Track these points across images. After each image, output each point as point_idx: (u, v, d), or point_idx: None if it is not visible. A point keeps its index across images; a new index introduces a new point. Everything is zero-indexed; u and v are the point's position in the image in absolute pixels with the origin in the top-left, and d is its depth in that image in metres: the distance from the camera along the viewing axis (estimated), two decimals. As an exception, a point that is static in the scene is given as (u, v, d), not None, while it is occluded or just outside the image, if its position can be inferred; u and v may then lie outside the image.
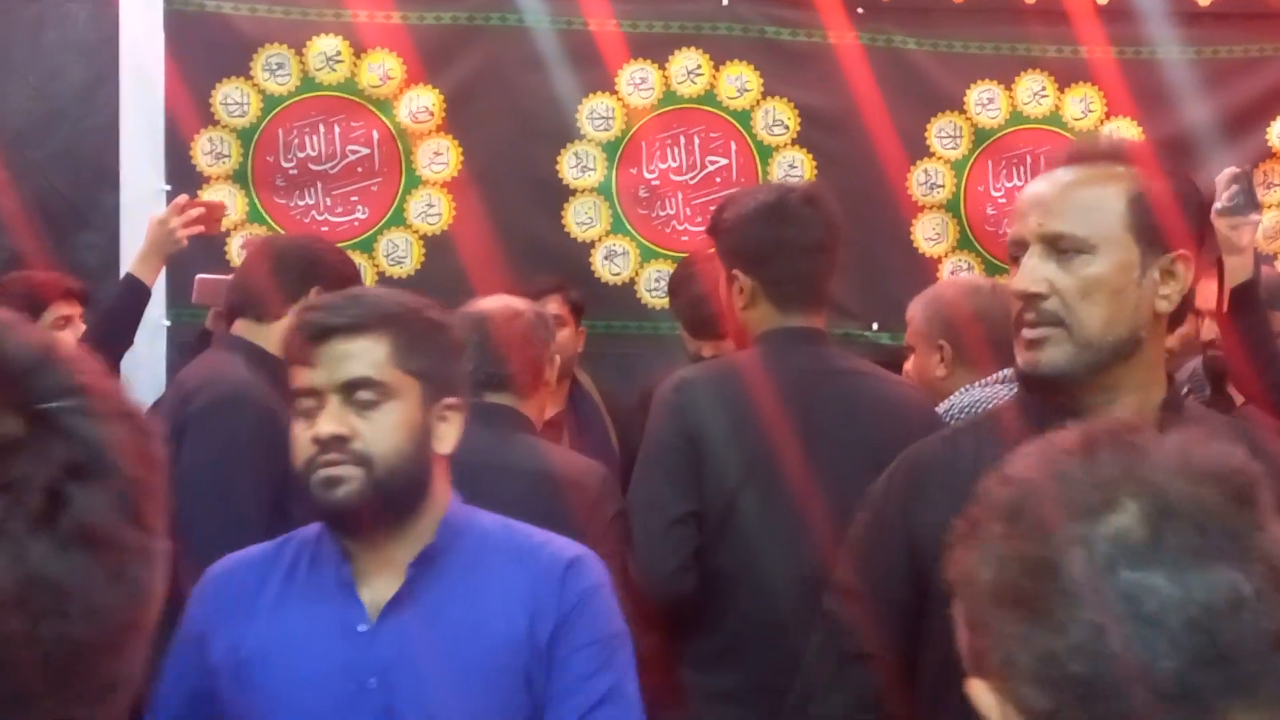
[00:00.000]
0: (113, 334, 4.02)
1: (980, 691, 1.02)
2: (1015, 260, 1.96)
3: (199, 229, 4.15)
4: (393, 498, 2.00)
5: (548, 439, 3.47)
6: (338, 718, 1.97)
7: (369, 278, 5.07)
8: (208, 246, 4.72)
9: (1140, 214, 1.94)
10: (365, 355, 1.99)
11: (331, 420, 1.96)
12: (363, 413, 1.98)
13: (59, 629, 0.82)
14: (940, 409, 3.22)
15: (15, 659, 0.80)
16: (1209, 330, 4.02)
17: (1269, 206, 5.40)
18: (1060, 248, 1.91)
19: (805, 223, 3.05)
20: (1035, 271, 1.91)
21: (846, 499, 2.35)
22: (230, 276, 4.19)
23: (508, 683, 2.03)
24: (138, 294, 4.08)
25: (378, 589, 2.02)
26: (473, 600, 2.04)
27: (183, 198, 4.29)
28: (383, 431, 1.98)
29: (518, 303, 3.26)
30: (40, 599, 0.81)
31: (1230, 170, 3.57)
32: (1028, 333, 1.92)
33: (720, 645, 2.98)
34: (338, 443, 1.95)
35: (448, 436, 2.08)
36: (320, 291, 3.36)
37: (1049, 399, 1.97)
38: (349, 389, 1.97)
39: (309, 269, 3.38)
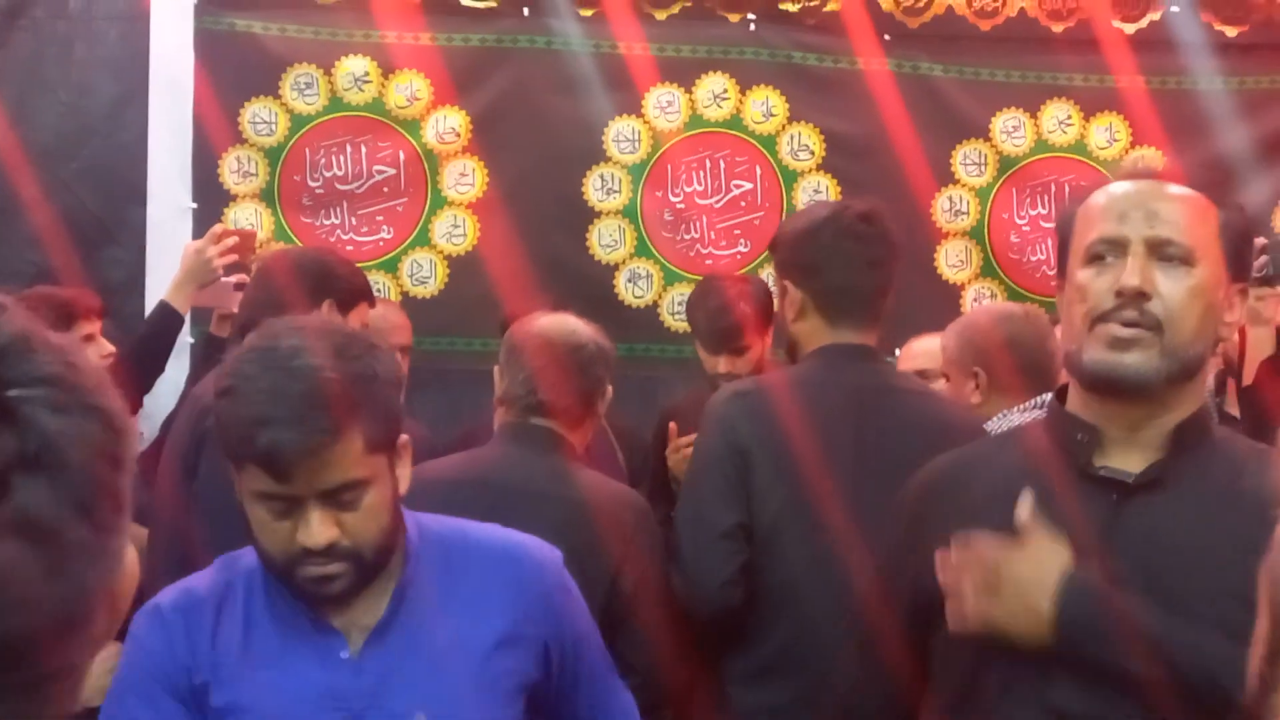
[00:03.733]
0: (148, 357, 4.09)
1: None
2: (1095, 260, 1.94)
3: (234, 258, 4.17)
4: (377, 570, 1.96)
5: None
6: None
7: (393, 297, 5.08)
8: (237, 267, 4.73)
9: (1229, 236, 1.96)
10: (344, 460, 1.86)
11: (322, 530, 1.86)
12: (345, 510, 1.88)
13: None
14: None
15: None
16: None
17: (1297, 240, 5.39)
18: (1166, 254, 1.90)
19: (858, 237, 3.05)
20: (1144, 271, 1.89)
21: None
22: (233, 279, 4.25)
23: (501, 685, 2.03)
24: (171, 320, 4.13)
25: (349, 616, 1.98)
26: (451, 611, 2.02)
27: (219, 227, 4.31)
28: (368, 522, 1.90)
29: (583, 330, 3.17)
30: None
31: (1260, 240, 3.57)
32: (1121, 331, 1.88)
33: (765, 661, 2.97)
34: (329, 547, 1.88)
35: (405, 478, 2.01)
36: (333, 306, 3.37)
37: (1089, 410, 1.95)
38: (331, 494, 1.87)
39: (323, 282, 3.40)
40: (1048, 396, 3.11)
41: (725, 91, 5.33)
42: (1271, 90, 5.40)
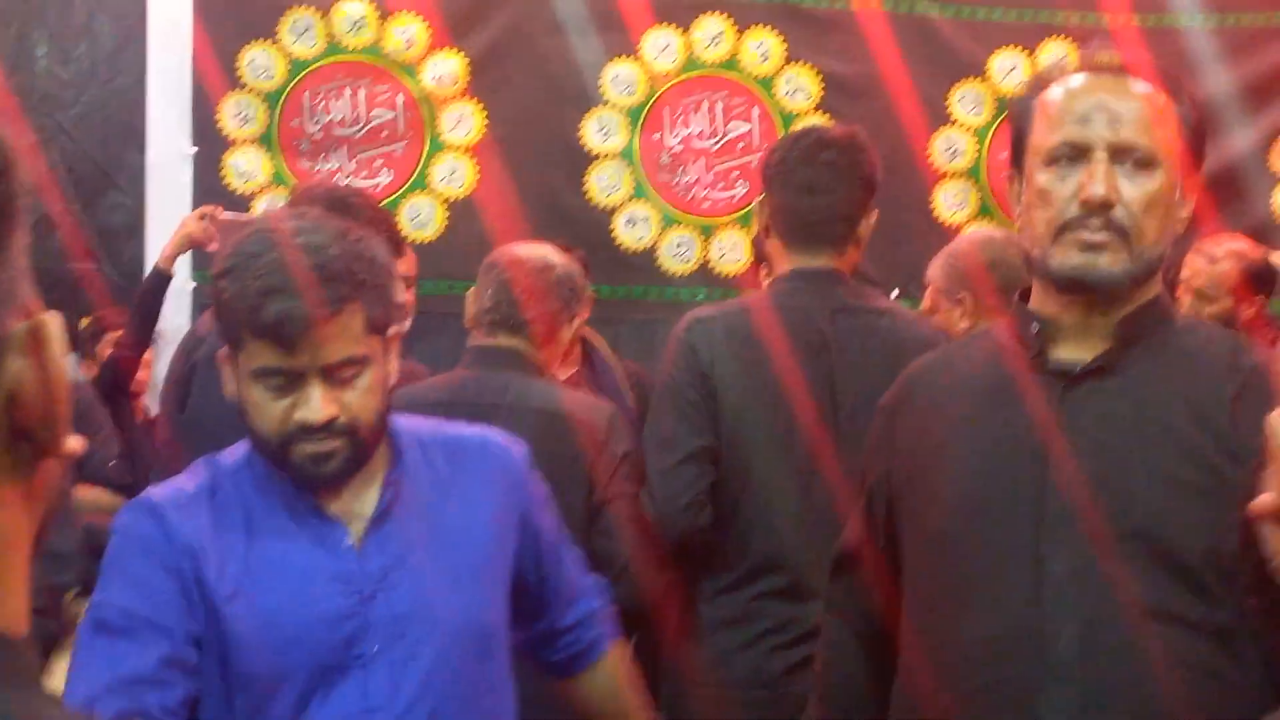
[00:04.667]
0: (145, 319, 4.51)
1: None
2: (1056, 163, 1.94)
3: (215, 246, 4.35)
4: (369, 453, 1.99)
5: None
6: (344, 627, 1.95)
7: (393, 241, 5.10)
8: (233, 208, 4.77)
9: (1187, 135, 1.97)
10: (346, 334, 1.90)
11: (324, 405, 1.89)
12: (344, 387, 1.91)
13: None
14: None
15: None
16: (1189, 309, 4.09)
17: (1290, 177, 5.42)
18: (1129, 158, 1.90)
19: (807, 161, 3.08)
20: (1109, 178, 1.89)
21: (862, 435, 2.37)
22: (243, 217, 4.36)
23: (493, 574, 2.08)
24: (160, 282, 4.49)
25: (346, 507, 2.01)
26: (441, 503, 2.06)
27: (212, 209, 4.46)
28: (365, 401, 1.93)
29: (554, 255, 3.28)
30: None
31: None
32: (1091, 235, 1.89)
33: (737, 578, 3.03)
34: (328, 422, 1.91)
35: (395, 366, 2.05)
36: None
37: (1046, 305, 1.99)
38: (333, 369, 1.90)
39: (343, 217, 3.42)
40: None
41: (722, 33, 5.33)
42: (1267, 29, 5.40)
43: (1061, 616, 1.86)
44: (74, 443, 0.88)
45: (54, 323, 0.85)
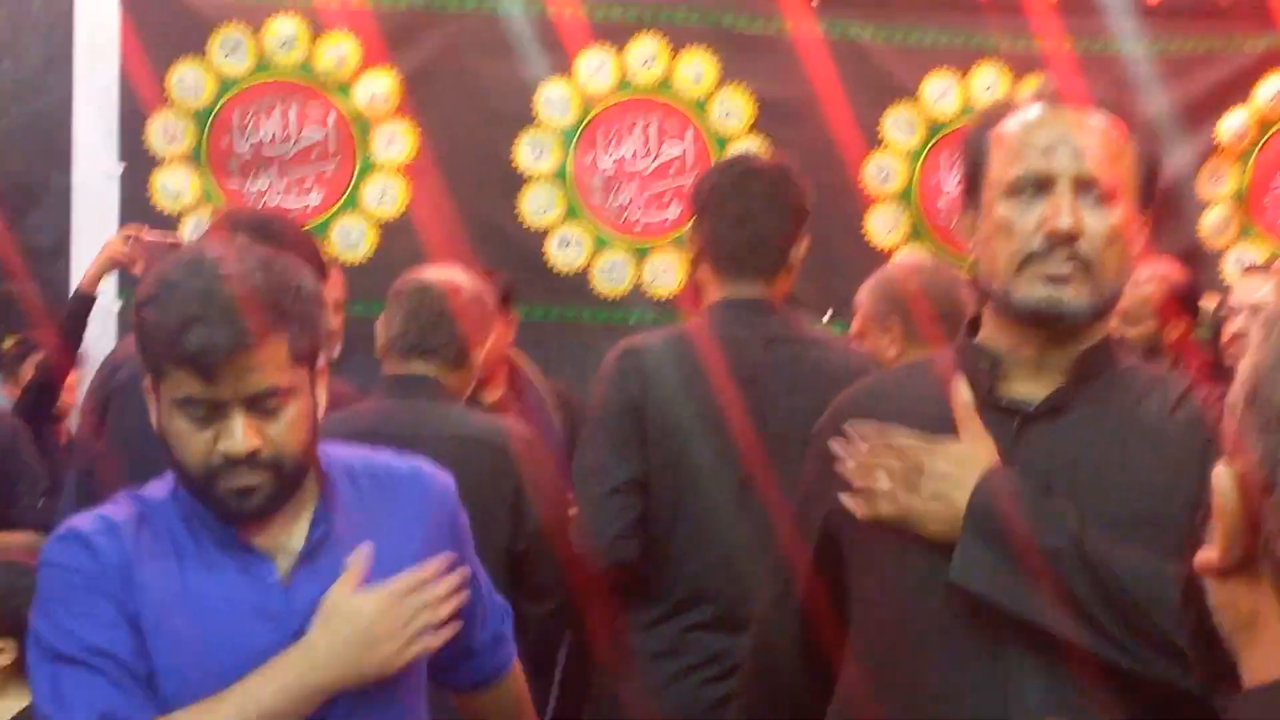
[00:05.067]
0: (69, 340, 4.45)
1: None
2: (1018, 194, 1.93)
3: (139, 269, 4.31)
4: (295, 486, 1.96)
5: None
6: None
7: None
8: (160, 228, 4.72)
9: (1143, 170, 1.97)
10: (270, 364, 1.87)
11: (245, 436, 1.86)
12: (268, 419, 1.89)
13: None
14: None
15: None
16: (1114, 330, 4.08)
17: (1215, 202, 5.47)
18: (1091, 192, 1.90)
19: (736, 190, 3.08)
20: (1074, 211, 1.88)
21: (792, 466, 2.36)
22: (169, 239, 4.35)
23: None
24: (85, 304, 4.40)
25: (274, 541, 1.98)
26: (371, 534, 2.03)
27: (135, 228, 4.42)
28: (290, 432, 1.91)
29: (461, 277, 3.28)
30: None
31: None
32: (1056, 268, 1.89)
33: (667, 610, 3.01)
34: (251, 455, 1.88)
35: (322, 398, 2.02)
36: None
37: (996, 340, 1.98)
38: (256, 400, 1.87)
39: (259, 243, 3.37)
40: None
41: (655, 55, 5.32)
42: (1194, 55, 5.46)
43: (1027, 666, 1.84)
44: None
45: None
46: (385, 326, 3.21)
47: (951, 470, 1.87)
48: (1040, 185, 1.91)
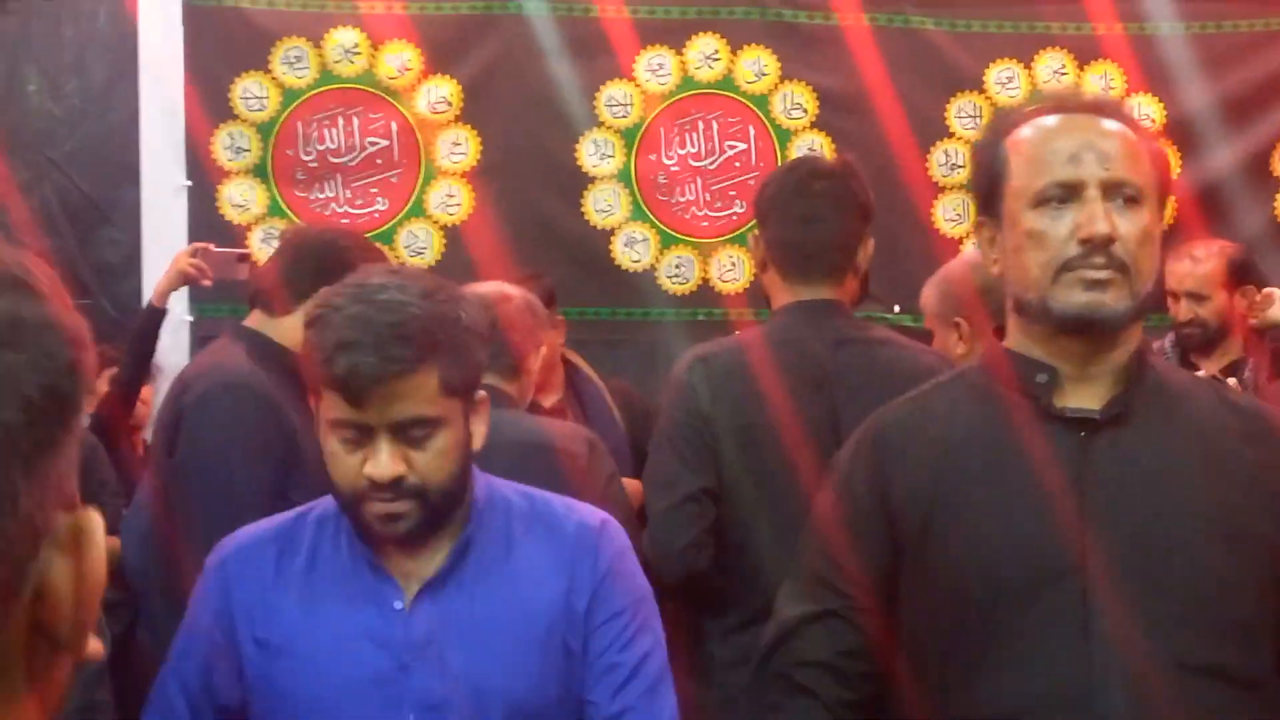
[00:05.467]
0: (140, 357, 4.46)
1: None
2: (1046, 203, 1.92)
3: (207, 281, 4.39)
4: (444, 515, 1.99)
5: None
6: (377, 694, 1.95)
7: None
8: (233, 244, 4.78)
9: (1161, 171, 1.98)
10: (418, 394, 1.90)
11: (390, 463, 1.89)
12: (416, 447, 1.92)
13: None
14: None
15: None
16: (1185, 311, 4.21)
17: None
18: (1120, 195, 1.90)
19: (800, 191, 3.07)
20: (1107, 215, 1.88)
21: None
22: (235, 251, 4.43)
23: (548, 654, 2.03)
24: (155, 317, 4.42)
25: (410, 567, 2.01)
26: (508, 575, 2.03)
27: (202, 246, 4.44)
28: (437, 462, 1.93)
29: (509, 287, 3.29)
30: None
31: None
32: (1094, 273, 1.88)
33: (745, 618, 2.99)
34: (395, 481, 1.91)
35: (480, 432, 2.05)
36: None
37: (1043, 350, 1.96)
38: (402, 428, 1.91)
39: (321, 265, 3.34)
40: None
41: (716, 52, 5.31)
42: (1265, 33, 5.38)
43: (1110, 675, 1.82)
44: (95, 646, 0.83)
45: (96, 522, 0.82)
46: None
47: None
48: (1068, 192, 1.91)
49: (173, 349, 4.76)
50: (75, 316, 0.81)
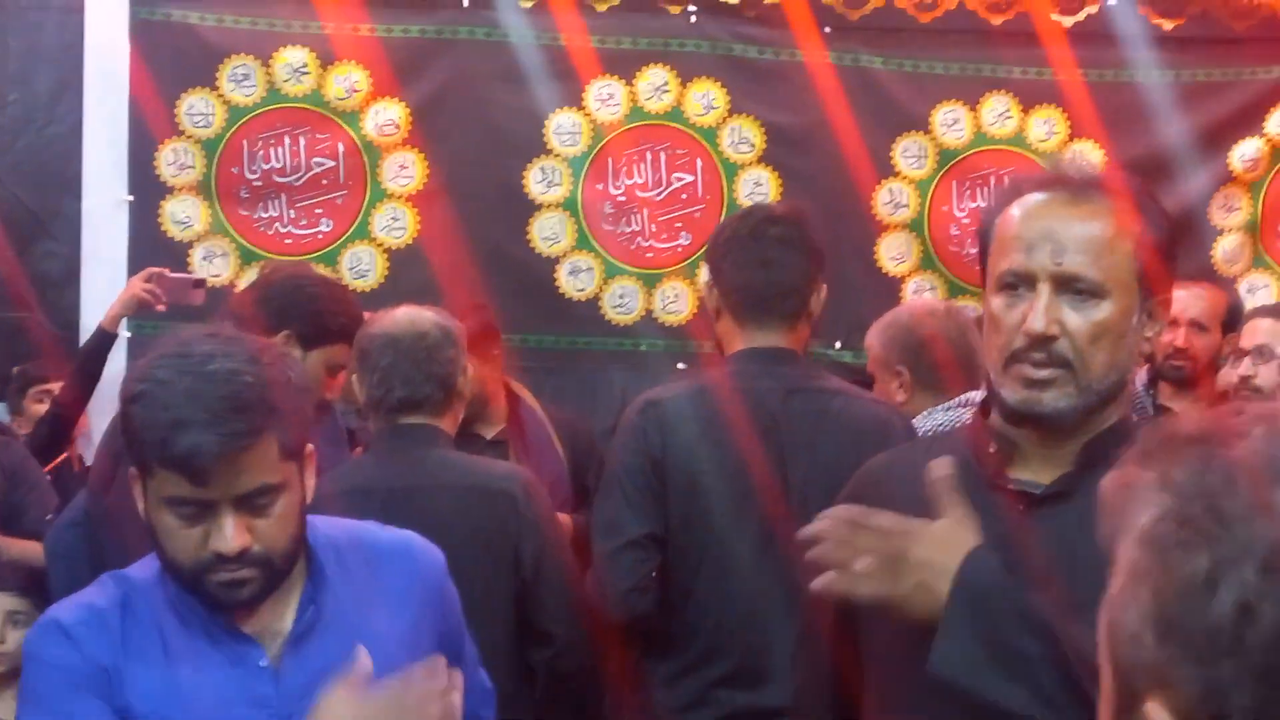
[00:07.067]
0: (86, 378, 4.40)
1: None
2: (1007, 289, 1.90)
3: (161, 305, 4.36)
4: (285, 575, 1.95)
5: (494, 458, 3.53)
6: None
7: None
8: (174, 259, 4.76)
9: (1143, 259, 1.91)
10: (261, 463, 1.84)
11: (236, 535, 1.84)
12: (259, 515, 1.87)
13: None
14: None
15: None
16: (1183, 338, 4.14)
17: (1229, 230, 5.45)
18: (1074, 289, 1.86)
19: (755, 237, 3.09)
20: (1050, 312, 1.85)
21: (815, 518, 2.35)
22: (191, 277, 4.41)
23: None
24: (106, 341, 4.40)
25: (261, 624, 1.97)
26: (365, 612, 2.02)
27: (153, 270, 4.40)
28: (280, 527, 1.90)
29: (424, 318, 3.21)
30: None
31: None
32: (1033, 371, 1.87)
33: (688, 663, 2.99)
34: (241, 553, 1.86)
35: (312, 485, 2.01)
36: (290, 337, 3.26)
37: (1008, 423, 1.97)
38: (247, 499, 1.86)
39: (285, 310, 3.29)
40: (973, 395, 3.15)
41: (666, 84, 5.32)
42: (1207, 83, 5.44)
43: None
44: None
45: None
46: (362, 384, 3.15)
47: (933, 557, 1.82)
48: (1025, 281, 1.89)
49: (111, 368, 4.70)
50: None
